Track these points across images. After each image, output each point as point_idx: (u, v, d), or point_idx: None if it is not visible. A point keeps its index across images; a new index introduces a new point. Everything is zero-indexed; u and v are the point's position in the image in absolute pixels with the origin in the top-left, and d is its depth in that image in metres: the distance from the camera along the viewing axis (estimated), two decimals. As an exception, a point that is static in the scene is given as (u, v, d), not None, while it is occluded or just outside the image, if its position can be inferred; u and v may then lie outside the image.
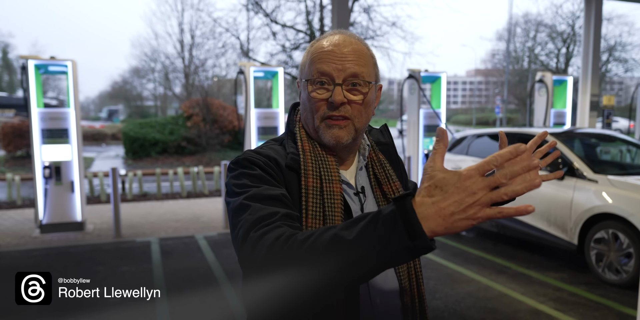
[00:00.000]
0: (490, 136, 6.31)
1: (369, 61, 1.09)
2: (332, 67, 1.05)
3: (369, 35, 19.34)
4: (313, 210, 1.04)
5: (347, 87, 1.06)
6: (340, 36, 1.09)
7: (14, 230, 6.50)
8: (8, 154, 15.58)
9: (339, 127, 1.07)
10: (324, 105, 1.07)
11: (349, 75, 1.05)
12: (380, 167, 1.18)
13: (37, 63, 6.13)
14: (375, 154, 1.19)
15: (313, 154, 1.10)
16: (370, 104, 1.11)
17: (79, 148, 6.37)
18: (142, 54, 43.32)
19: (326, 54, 1.06)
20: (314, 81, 1.07)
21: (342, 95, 1.05)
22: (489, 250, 5.60)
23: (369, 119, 1.12)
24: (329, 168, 1.09)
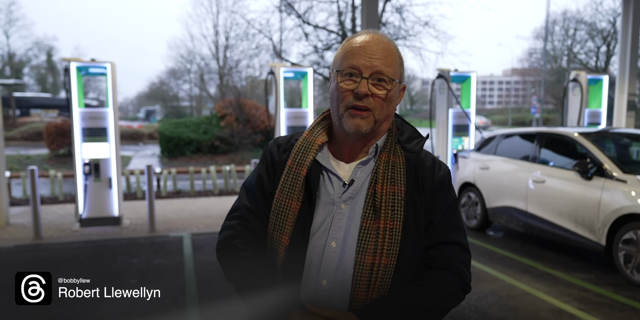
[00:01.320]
0: (519, 136, 6.26)
1: (395, 61, 1.21)
2: (361, 62, 1.17)
3: (401, 35, 19.27)
4: (282, 186, 1.24)
5: (372, 81, 1.18)
6: (374, 35, 1.21)
7: (56, 224, 6.85)
8: (52, 152, 16.26)
9: (361, 117, 1.18)
10: (349, 95, 1.18)
11: (375, 71, 1.17)
12: (387, 167, 1.22)
13: (79, 65, 6.45)
14: (393, 156, 1.24)
15: (306, 140, 1.27)
16: (392, 100, 1.22)
17: (116, 146, 6.66)
18: (179, 56, 44.25)
19: (358, 50, 1.18)
20: (344, 72, 1.19)
21: (367, 88, 1.16)
22: (515, 250, 5.57)
23: (389, 113, 1.24)
24: (307, 154, 1.24)
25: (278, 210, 1.23)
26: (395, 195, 1.19)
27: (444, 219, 1.25)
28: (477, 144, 6.97)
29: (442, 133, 8.22)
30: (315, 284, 1.19)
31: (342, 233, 1.19)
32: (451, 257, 1.24)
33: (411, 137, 1.29)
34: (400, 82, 1.25)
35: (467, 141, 8.26)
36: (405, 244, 1.18)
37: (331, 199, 1.22)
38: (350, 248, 1.17)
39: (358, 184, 1.22)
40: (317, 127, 1.31)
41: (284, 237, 1.21)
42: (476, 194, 6.51)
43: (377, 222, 1.17)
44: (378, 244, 1.15)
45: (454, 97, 8.18)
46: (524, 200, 5.62)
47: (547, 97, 36.62)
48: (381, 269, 1.15)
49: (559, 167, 5.35)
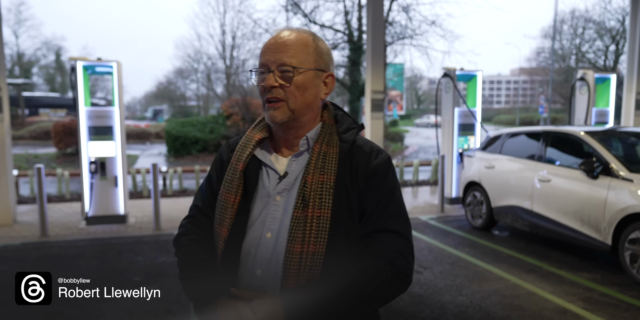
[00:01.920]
0: (525, 135, 6.23)
1: (302, 50, 1.25)
2: (267, 58, 1.24)
3: (407, 35, 19.22)
4: (224, 182, 1.31)
5: (279, 73, 1.23)
6: (282, 32, 1.27)
7: (62, 222, 6.89)
8: (59, 151, 16.39)
9: (274, 109, 1.24)
10: (263, 90, 1.26)
11: (280, 64, 1.23)
12: (319, 158, 1.25)
13: (85, 64, 6.49)
14: (325, 146, 1.26)
15: (246, 137, 1.35)
16: (305, 87, 1.25)
17: (122, 145, 6.69)
18: (186, 55, 44.41)
19: (265, 49, 1.26)
20: (257, 71, 1.27)
21: (273, 80, 1.22)
22: (520, 249, 5.54)
23: (308, 102, 1.26)
24: (245, 149, 1.31)
25: (219, 204, 1.30)
26: (324, 184, 1.21)
27: (379, 207, 1.24)
28: (483, 143, 6.93)
29: (448, 132, 8.20)
30: (250, 274, 1.24)
31: (277, 224, 1.23)
32: (385, 244, 1.22)
33: (349, 128, 1.32)
34: (322, 71, 1.28)
35: (472, 140, 8.23)
36: (334, 231, 1.19)
37: (267, 191, 1.27)
38: (283, 238, 1.21)
39: (292, 176, 1.26)
40: (258, 124, 1.37)
41: (223, 229, 1.27)
42: (481, 193, 6.48)
43: (306, 211, 1.19)
44: (306, 232, 1.18)
45: (460, 96, 8.15)
46: (529, 199, 5.59)
47: (555, 97, 36.41)
48: (309, 257, 1.17)
49: (565, 166, 5.32)
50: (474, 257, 5.24)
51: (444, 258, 5.21)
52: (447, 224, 6.87)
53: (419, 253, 5.36)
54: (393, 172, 1.29)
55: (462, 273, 4.70)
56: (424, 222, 6.94)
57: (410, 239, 1.27)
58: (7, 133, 6.74)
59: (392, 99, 32.17)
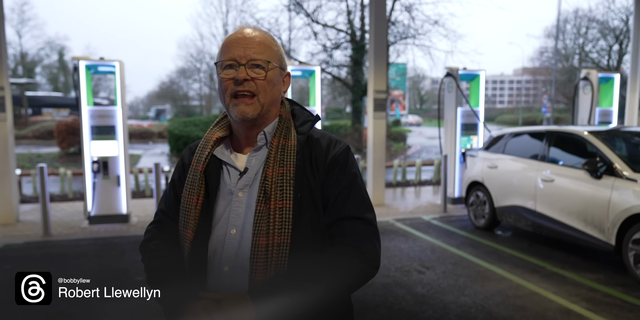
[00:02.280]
0: (528, 135, 6.21)
1: (269, 48, 1.27)
2: (237, 52, 1.24)
3: (410, 34, 19.19)
4: (186, 184, 1.31)
5: (250, 67, 1.23)
6: (246, 29, 1.28)
7: (65, 221, 6.90)
8: (62, 150, 16.41)
9: (246, 104, 1.23)
10: (232, 84, 1.23)
11: (250, 59, 1.23)
12: (277, 151, 1.26)
13: (88, 63, 6.49)
14: (283, 139, 1.28)
15: (205, 138, 1.35)
16: (274, 82, 1.27)
17: (125, 144, 6.69)
18: (188, 55, 44.51)
19: (233, 42, 1.26)
20: (223, 64, 1.25)
21: (245, 73, 1.22)
22: (524, 249, 5.52)
23: (275, 98, 1.29)
24: (204, 149, 1.31)
25: (183, 207, 1.30)
26: (284, 176, 1.21)
27: (342, 196, 1.26)
28: (486, 143, 6.91)
29: (451, 132, 8.18)
30: (218, 272, 1.23)
31: (241, 220, 1.23)
32: (350, 231, 1.24)
33: (305, 121, 1.33)
34: (283, 69, 1.31)
35: (475, 140, 8.21)
36: (298, 222, 1.20)
37: (229, 189, 1.27)
38: (248, 233, 1.21)
39: (253, 172, 1.27)
40: (216, 125, 1.37)
41: (188, 231, 1.27)
42: (484, 193, 6.46)
43: (268, 204, 1.20)
44: (270, 225, 1.18)
45: (463, 96, 8.13)
46: (532, 199, 5.58)
47: (558, 96, 36.33)
48: (275, 249, 1.17)
49: (568, 166, 5.30)
50: (476, 257, 5.22)
51: (446, 258, 5.19)
52: (449, 223, 6.85)
53: (421, 253, 5.35)
54: (353, 161, 1.31)
55: (464, 273, 4.69)
56: (427, 222, 6.92)
57: (375, 224, 1.29)
58: (10, 132, 6.75)
59: (394, 99, 32.13)
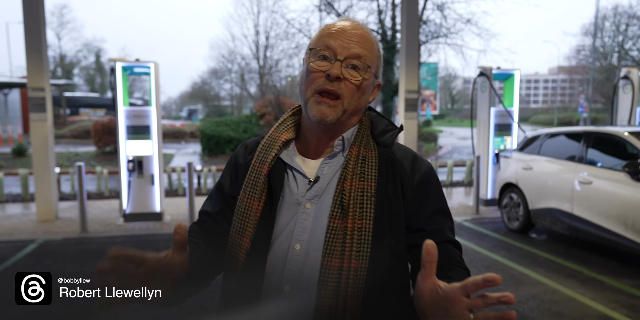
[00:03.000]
0: (565, 135, 6.04)
1: (374, 51, 1.12)
2: (338, 43, 1.08)
3: (442, 33, 18.97)
4: (244, 187, 1.16)
5: (346, 66, 1.08)
6: (353, 22, 1.13)
7: (101, 219, 7.09)
8: (98, 149, 16.87)
9: (328, 106, 1.08)
10: (320, 78, 1.09)
11: (352, 54, 1.08)
12: (357, 162, 1.12)
13: (124, 65, 6.65)
14: (364, 149, 1.13)
15: (270, 137, 1.19)
16: (365, 90, 1.12)
17: (159, 144, 6.83)
18: (220, 56, 45.10)
19: (335, 32, 1.10)
20: (317, 52, 1.10)
21: (340, 71, 1.07)
22: (559, 253, 5.38)
23: (360, 107, 1.14)
24: (270, 150, 1.16)
25: (240, 211, 1.15)
26: (365, 192, 1.08)
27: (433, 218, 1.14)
28: (520, 144, 6.77)
29: (484, 132, 8.04)
30: (277, 290, 1.09)
31: (308, 235, 1.09)
32: (453, 255, 1.12)
33: (385, 130, 1.18)
34: (376, 77, 1.15)
35: (509, 141, 8.05)
36: (378, 245, 1.06)
37: (295, 198, 1.12)
38: (316, 251, 1.07)
39: (324, 181, 1.12)
40: (283, 123, 1.23)
41: (244, 239, 1.12)
42: (518, 195, 6.33)
43: (345, 222, 1.06)
44: (346, 245, 1.04)
45: (497, 96, 7.98)
46: (569, 202, 5.43)
47: (596, 96, 35.28)
48: (351, 273, 1.03)
49: (607, 168, 5.13)
50: (510, 260, 5.11)
51: (479, 261, 5.10)
52: (482, 226, 6.73)
53: (453, 255, 5.27)
54: (438, 180, 1.20)
55: (498, 276, 4.59)
56: (459, 224, 6.82)
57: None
58: (51, 132, 6.97)
59: (425, 99, 31.82)
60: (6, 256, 5.28)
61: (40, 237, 6.10)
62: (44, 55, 6.85)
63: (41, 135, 6.87)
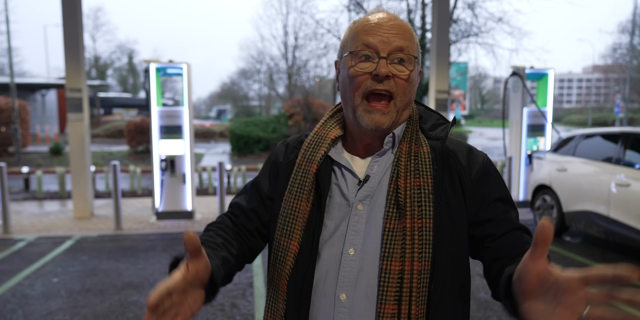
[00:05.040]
0: (601, 136, 5.89)
1: (414, 39, 1.05)
2: (378, 39, 1.00)
3: (472, 32, 18.71)
4: (290, 186, 1.09)
5: (391, 62, 1.00)
6: (386, 13, 1.05)
7: (135, 216, 7.26)
8: (131, 148, 17.25)
9: (381, 113, 1.01)
10: (367, 80, 1.01)
11: (395, 48, 1.00)
12: (409, 158, 1.05)
13: (158, 66, 6.80)
14: (415, 145, 1.07)
15: (317, 135, 1.13)
16: (414, 82, 1.05)
17: (191, 143, 6.95)
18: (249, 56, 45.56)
19: (372, 27, 1.02)
20: (358, 54, 1.02)
21: (387, 68, 0.99)
22: (595, 257, 5.25)
23: (411, 99, 1.06)
24: (318, 148, 1.09)
25: (286, 212, 1.08)
26: (422, 189, 1.01)
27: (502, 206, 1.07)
28: (554, 145, 6.63)
29: (516, 133, 7.90)
30: (331, 299, 1.01)
31: (361, 238, 1.02)
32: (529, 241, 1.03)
33: (436, 124, 1.11)
34: (418, 65, 1.07)
35: (542, 141, 7.89)
36: (439, 244, 1.00)
37: (345, 199, 1.06)
38: (372, 254, 1.01)
39: (375, 180, 1.05)
40: (330, 120, 1.15)
41: (292, 243, 1.05)
42: (552, 197, 6.20)
43: (403, 222, 0.99)
44: (406, 247, 0.98)
45: (529, 96, 7.83)
46: (605, 204, 5.29)
47: (633, 95, 34.20)
48: (415, 277, 0.97)
49: (646, 170, 4.98)
50: (543, 263, 5.01)
51: (511, 263, 5.02)
52: (514, 228, 6.62)
53: (484, 257, 5.21)
54: (497, 169, 1.12)
55: (530, 280, 4.51)
56: (489, 226, 6.72)
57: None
58: (87, 132, 7.18)
59: (455, 99, 31.44)
60: (45, 252, 5.46)
61: (77, 233, 6.29)
62: (81, 57, 7.05)
63: (78, 134, 7.07)
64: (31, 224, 6.85)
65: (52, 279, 4.56)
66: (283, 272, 1.05)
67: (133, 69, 49.35)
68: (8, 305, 3.92)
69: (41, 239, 6.02)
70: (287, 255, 1.05)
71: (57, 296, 4.10)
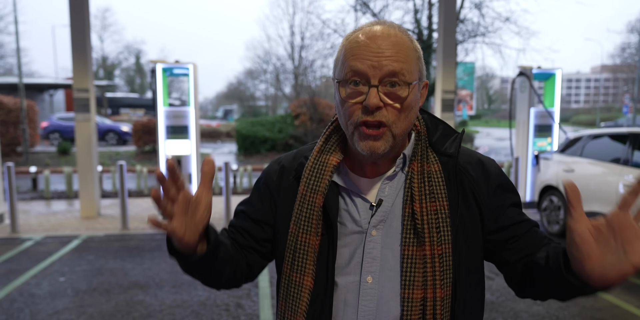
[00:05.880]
0: (609, 137, 5.85)
1: (411, 55, 0.95)
2: (367, 64, 0.91)
3: (479, 32, 18.64)
4: (296, 218, 1.03)
5: (384, 88, 0.92)
6: (378, 27, 0.95)
7: (141, 216, 7.29)
8: (138, 148, 17.33)
9: (374, 138, 0.94)
10: (357, 110, 0.94)
11: (386, 73, 0.91)
12: (422, 180, 0.99)
13: (164, 66, 6.82)
14: (425, 163, 1.01)
15: (317, 161, 1.05)
16: (411, 107, 0.96)
17: (197, 143, 6.97)
18: (256, 57, 45.62)
19: (360, 49, 0.93)
20: (347, 82, 0.94)
21: (378, 99, 0.92)
22: (602, 259, 5.21)
23: (410, 123, 0.98)
24: (320, 178, 1.02)
25: (294, 247, 1.02)
26: (439, 214, 0.97)
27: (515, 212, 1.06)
28: (562, 145, 6.59)
29: (523, 133, 7.86)
30: None
31: (378, 265, 0.98)
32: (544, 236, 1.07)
33: (443, 136, 1.05)
34: (420, 80, 0.98)
35: (548, 141, 7.84)
36: (459, 267, 0.98)
37: (358, 225, 1.01)
38: (391, 282, 0.97)
39: (388, 204, 1.00)
40: (327, 142, 1.07)
41: (306, 278, 1.00)
42: (559, 198, 6.16)
43: (422, 249, 0.95)
44: (428, 275, 0.95)
45: (537, 96, 7.79)
46: (613, 205, 5.24)
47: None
48: (438, 304, 0.95)
49: (654, 170, 4.94)
50: (550, 264, 4.98)
51: (517, 264, 4.99)
52: (520, 229, 6.58)
53: (490, 258, 5.18)
54: (507, 176, 1.09)
55: (537, 281, 4.48)
56: (496, 227, 6.69)
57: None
58: (94, 132, 7.21)
59: (461, 99, 31.33)
60: (52, 251, 5.49)
61: (84, 233, 6.32)
62: (88, 58, 7.09)
63: (85, 134, 7.11)
64: (38, 223, 6.90)
65: (59, 278, 4.59)
66: (299, 308, 1.01)
67: (140, 69, 49.57)
68: (15, 304, 3.95)
69: (48, 239, 6.06)
70: (302, 291, 1.01)
71: (64, 295, 4.13)
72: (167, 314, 3.75)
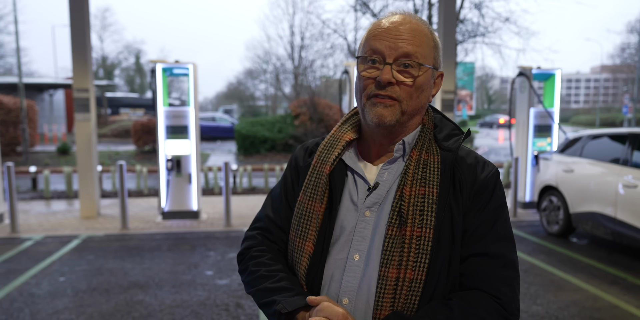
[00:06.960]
0: (608, 137, 5.85)
1: (426, 42, 1.04)
2: (385, 44, 1.02)
3: (479, 32, 18.64)
4: (305, 187, 1.12)
5: (397, 67, 1.02)
6: (400, 15, 1.06)
7: (141, 216, 7.29)
8: (138, 148, 17.32)
9: (384, 106, 1.02)
10: (371, 84, 1.03)
11: (401, 54, 1.01)
12: (418, 166, 1.05)
13: (164, 66, 6.82)
14: (425, 153, 1.07)
15: (333, 137, 1.15)
16: (423, 88, 1.04)
17: (196, 143, 6.97)
18: (255, 56, 45.58)
19: (381, 32, 1.03)
20: (366, 59, 1.04)
21: (390, 75, 1.00)
22: (602, 259, 5.21)
23: (421, 105, 1.07)
24: (332, 150, 1.11)
25: (300, 213, 1.10)
26: (426, 198, 1.01)
27: (482, 227, 1.04)
28: (561, 146, 6.59)
29: (522, 133, 7.86)
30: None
31: (367, 244, 1.03)
32: (489, 273, 1.01)
33: (450, 134, 1.10)
34: (435, 69, 1.07)
35: (548, 142, 7.84)
36: (437, 255, 0.99)
37: (354, 204, 1.07)
38: (374, 261, 1.02)
39: (384, 188, 1.06)
40: (345, 123, 1.17)
41: (307, 243, 1.07)
42: (558, 198, 6.16)
43: (403, 230, 0.99)
44: (403, 255, 0.98)
45: (536, 96, 7.80)
46: (612, 205, 5.25)
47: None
48: (405, 284, 0.97)
49: (654, 171, 4.94)
50: (549, 264, 4.99)
51: (517, 265, 4.99)
52: (520, 229, 6.59)
53: (490, 258, 5.18)
54: (501, 188, 1.09)
55: (536, 281, 4.49)
56: (495, 227, 6.69)
57: (517, 267, 1.06)
58: (94, 131, 7.21)
59: (461, 99, 31.33)
60: (52, 251, 5.50)
61: (83, 232, 6.32)
62: (88, 57, 7.09)
63: (85, 134, 7.11)
64: (38, 223, 6.90)
65: (59, 278, 4.59)
66: (299, 272, 1.09)
67: (140, 69, 49.56)
68: (15, 303, 3.95)
69: (48, 238, 6.06)
70: (302, 256, 1.08)
71: (64, 295, 4.13)
72: (166, 314, 3.76)
